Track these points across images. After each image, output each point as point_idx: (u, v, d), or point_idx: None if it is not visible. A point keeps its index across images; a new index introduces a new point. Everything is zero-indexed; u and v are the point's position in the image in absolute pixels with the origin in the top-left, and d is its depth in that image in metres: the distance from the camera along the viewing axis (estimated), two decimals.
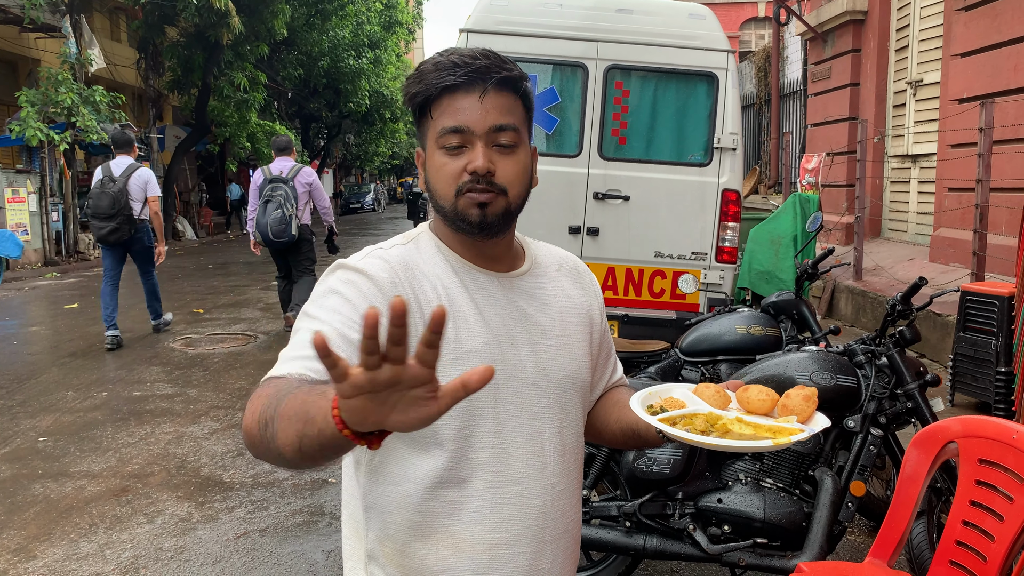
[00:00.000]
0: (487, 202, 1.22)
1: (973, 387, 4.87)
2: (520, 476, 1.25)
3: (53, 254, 14.49)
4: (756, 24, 22.62)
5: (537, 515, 1.26)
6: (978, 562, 2.16)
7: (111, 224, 7.33)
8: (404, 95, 1.28)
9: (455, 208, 1.23)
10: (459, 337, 1.21)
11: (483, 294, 1.27)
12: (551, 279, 1.38)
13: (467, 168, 1.21)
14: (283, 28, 19.18)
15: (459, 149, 1.22)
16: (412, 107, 1.27)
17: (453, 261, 1.28)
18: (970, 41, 7.28)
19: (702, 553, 2.87)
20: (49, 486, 4.44)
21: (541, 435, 1.27)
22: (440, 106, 1.22)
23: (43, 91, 13.64)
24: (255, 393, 1.11)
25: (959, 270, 6.83)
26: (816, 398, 1.20)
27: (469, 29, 5.26)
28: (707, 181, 5.28)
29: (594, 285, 1.47)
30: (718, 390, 1.26)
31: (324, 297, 1.21)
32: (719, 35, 5.25)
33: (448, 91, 1.21)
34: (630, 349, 3.93)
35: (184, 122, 22.66)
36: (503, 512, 1.24)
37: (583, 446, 1.38)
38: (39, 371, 6.94)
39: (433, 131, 1.24)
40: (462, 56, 1.22)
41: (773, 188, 13.56)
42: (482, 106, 1.21)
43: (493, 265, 1.31)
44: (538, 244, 1.43)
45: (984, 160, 5.82)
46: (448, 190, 1.23)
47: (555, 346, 1.31)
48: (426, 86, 1.22)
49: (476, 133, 1.21)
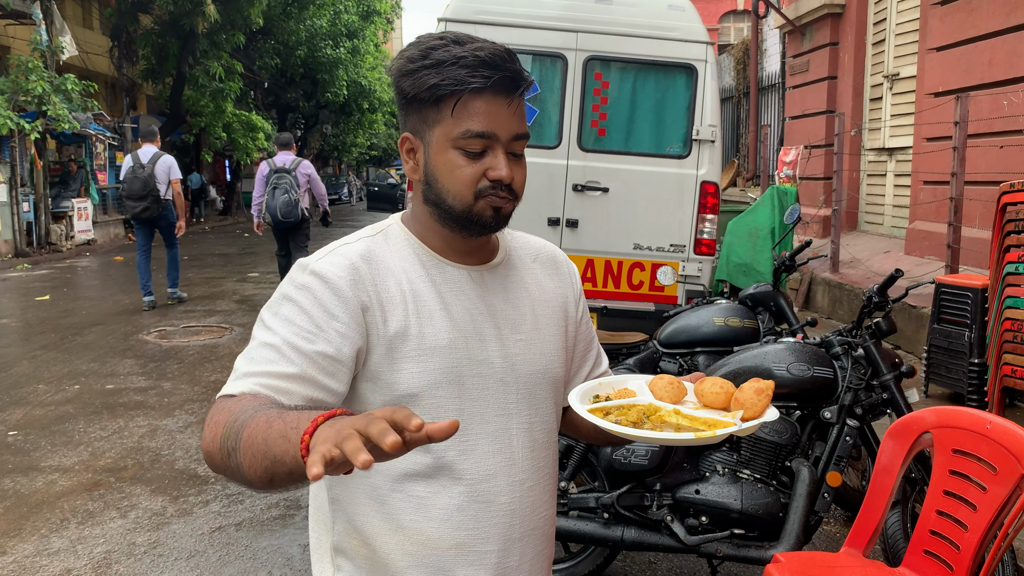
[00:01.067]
0: (502, 207, 1.22)
1: (947, 378, 4.93)
2: (487, 473, 1.23)
3: (24, 245, 14.25)
4: (735, 17, 22.70)
5: (505, 512, 1.25)
6: (951, 551, 2.18)
7: (143, 203, 8.73)
8: (407, 76, 1.20)
9: (470, 210, 1.21)
10: (422, 333, 1.20)
11: (451, 288, 1.25)
12: (526, 271, 1.36)
13: (489, 175, 1.19)
14: (259, 17, 18.96)
15: (480, 153, 1.19)
16: (422, 95, 1.19)
17: (422, 254, 1.26)
18: (946, 35, 7.34)
19: (680, 544, 2.88)
20: (19, 481, 4.37)
21: (509, 431, 1.26)
22: (465, 105, 1.17)
23: (13, 79, 13.38)
24: (212, 412, 1.10)
25: (934, 262, 6.90)
26: (771, 391, 1.18)
27: (448, 18, 5.21)
28: (686, 173, 5.28)
29: (572, 275, 1.44)
30: (671, 381, 1.24)
31: (280, 304, 1.19)
32: (698, 27, 5.25)
33: (476, 91, 1.17)
34: (609, 341, 3.93)
35: (159, 111, 22.35)
36: (470, 510, 1.22)
37: (556, 442, 1.36)
38: (10, 364, 6.82)
39: (448, 128, 1.18)
40: (490, 52, 1.17)
41: (751, 181, 13.63)
42: (511, 113, 1.19)
43: (465, 258, 1.28)
44: (515, 235, 1.40)
45: (959, 154, 5.87)
46: (466, 193, 1.20)
47: (525, 340, 1.29)
48: (452, 81, 1.16)
49: (501, 140, 1.19)
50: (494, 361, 1.25)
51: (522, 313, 1.31)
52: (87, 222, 16.34)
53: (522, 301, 1.32)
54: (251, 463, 0.99)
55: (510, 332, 1.28)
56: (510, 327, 1.28)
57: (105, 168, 18.20)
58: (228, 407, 1.08)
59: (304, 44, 24.42)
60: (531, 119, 5.30)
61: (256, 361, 1.14)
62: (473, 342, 1.23)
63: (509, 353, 1.27)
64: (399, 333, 1.19)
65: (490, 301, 1.27)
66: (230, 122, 20.07)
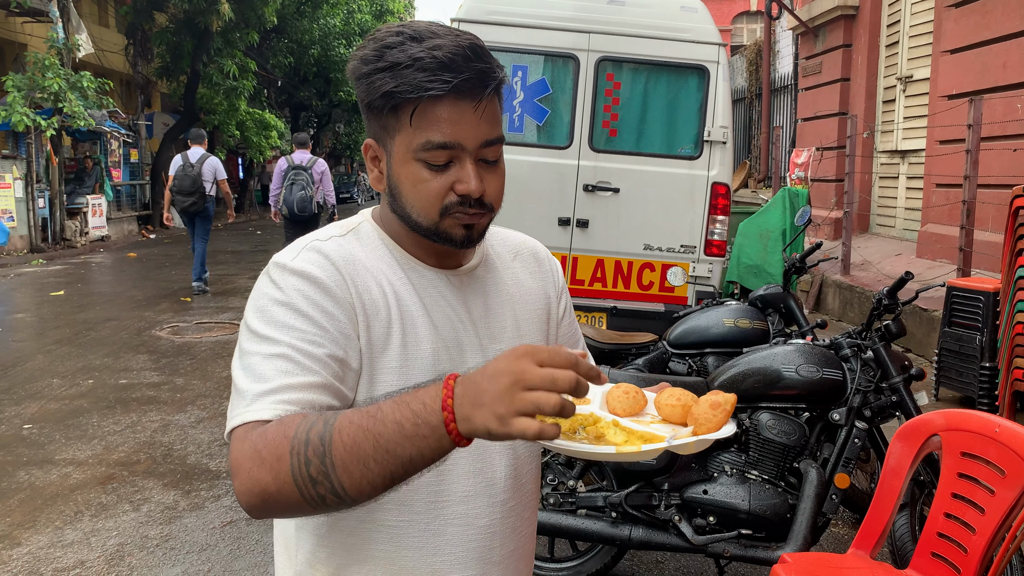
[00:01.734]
0: (475, 224, 1.11)
1: (958, 382, 4.91)
2: (465, 495, 1.14)
3: (39, 241, 14.37)
4: (748, 18, 22.63)
5: (484, 535, 1.16)
6: (959, 554, 2.19)
7: (191, 199, 9.73)
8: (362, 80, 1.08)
9: (437, 227, 1.10)
10: (405, 342, 1.10)
11: (431, 293, 1.15)
12: (506, 270, 1.26)
13: (456, 189, 1.07)
14: (273, 16, 19.06)
15: (445, 166, 1.07)
16: (378, 102, 1.07)
17: (398, 255, 1.15)
18: (960, 38, 7.31)
19: (687, 544, 2.89)
20: (34, 473, 4.42)
21: (489, 450, 1.16)
22: (424, 113, 1.04)
23: (30, 76, 13.50)
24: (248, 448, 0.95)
25: (946, 265, 6.88)
26: (730, 406, 1.06)
27: (460, 19, 5.23)
28: (697, 174, 5.29)
29: (554, 271, 1.34)
30: (627, 391, 1.13)
31: (270, 309, 1.06)
32: (711, 28, 5.25)
33: (436, 98, 1.04)
34: (618, 341, 3.94)
35: (173, 109, 22.48)
36: (446, 534, 1.13)
37: (540, 455, 1.29)
38: (25, 358, 6.89)
39: (409, 138, 1.06)
40: (448, 52, 1.03)
41: (763, 182, 13.60)
42: (477, 118, 1.06)
43: (441, 261, 1.17)
44: (493, 231, 1.27)
45: (972, 156, 5.85)
46: (431, 210, 1.09)
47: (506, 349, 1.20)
48: (408, 87, 1.03)
49: (467, 149, 1.06)
50: None
51: (503, 320, 1.21)
52: (101, 218, 16.47)
53: (503, 307, 1.22)
54: (362, 476, 0.89)
55: (490, 341, 1.18)
56: (490, 336, 1.18)
57: (119, 165, 18.33)
58: (276, 436, 0.93)
59: (317, 43, 24.53)
60: (542, 119, 5.31)
61: (267, 377, 1.00)
62: (454, 351, 1.14)
63: None
64: (381, 340, 1.09)
65: (470, 308, 1.18)
66: (243, 120, 20.18)
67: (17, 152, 14.20)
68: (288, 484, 0.91)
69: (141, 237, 17.99)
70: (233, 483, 0.96)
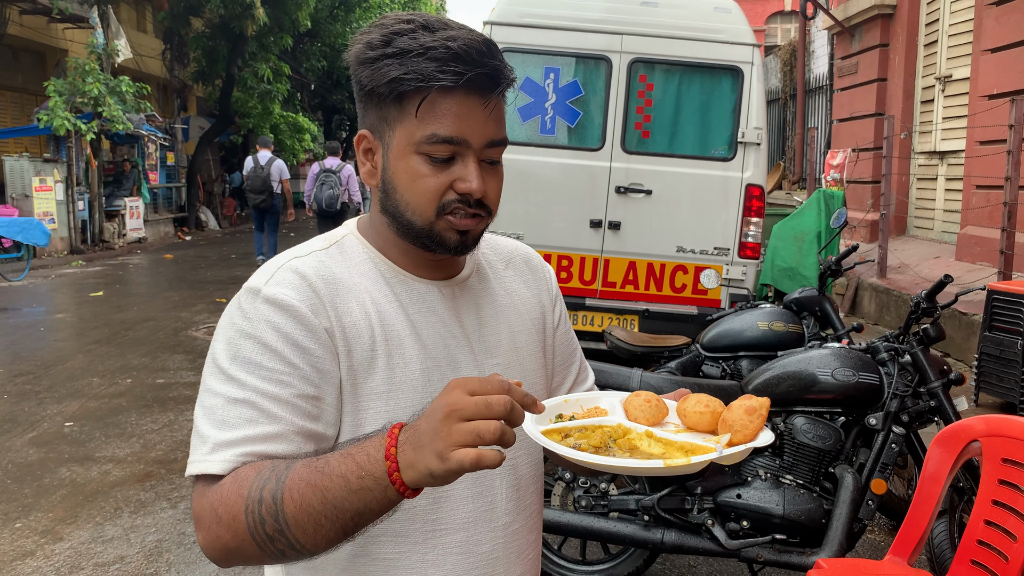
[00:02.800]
0: (470, 228, 1.05)
1: (998, 387, 4.82)
2: (464, 522, 1.08)
3: (79, 243, 14.68)
4: (782, 18, 22.40)
5: (486, 562, 1.10)
6: (1000, 562, 2.15)
7: (261, 196, 11.55)
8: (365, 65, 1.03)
9: (431, 228, 1.04)
10: (391, 364, 1.04)
11: (420, 308, 1.08)
12: (498, 280, 1.20)
13: (457, 187, 1.02)
14: (307, 20, 19.26)
15: (447, 160, 1.02)
16: (381, 89, 1.02)
17: (384, 269, 1.09)
18: (1001, 36, 7.17)
19: (720, 548, 2.87)
20: (75, 470, 4.52)
21: (489, 471, 1.07)
22: (432, 105, 1.00)
23: (70, 81, 13.80)
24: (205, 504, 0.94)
25: (986, 268, 6.75)
26: (765, 411, 1.01)
27: (493, 21, 5.26)
28: (730, 176, 5.25)
29: (548, 278, 1.28)
30: (648, 400, 1.07)
31: (237, 344, 1.00)
32: (744, 28, 5.22)
33: (447, 90, 1.00)
34: (651, 344, 3.93)
35: (208, 113, 22.84)
36: (446, 564, 1.07)
37: (543, 474, 1.22)
38: (65, 357, 7.05)
39: (412, 130, 1.01)
40: (464, 43, 0.99)
41: (797, 184, 13.45)
42: (485, 116, 1.02)
43: (432, 272, 1.11)
44: (487, 238, 1.22)
45: (1013, 157, 5.74)
46: (427, 207, 1.03)
47: (503, 364, 1.14)
48: (417, 76, 0.98)
49: (473, 147, 1.02)
50: None
51: (498, 333, 1.15)
52: (139, 220, 16.77)
53: (498, 319, 1.16)
54: (316, 532, 0.87)
55: (486, 357, 1.12)
56: (485, 351, 1.12)
57: (156, 168, 18.66)
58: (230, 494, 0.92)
59: None
60: (574, 121, 5.31)
61: (230, 424, 0.96)
62: (447, 371, 1.07)
63: None
64: (364, 365, 1.03)
65: (463, 322, 1.11)
66: (277, 123, 20.42)
67: (58, 156, 14.52)
68: (247, 541, 0.90)
69: (177, 239, 18.29)
70: (196, 535, 0.96)
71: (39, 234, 11.94)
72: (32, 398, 5.83)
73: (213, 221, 20.89)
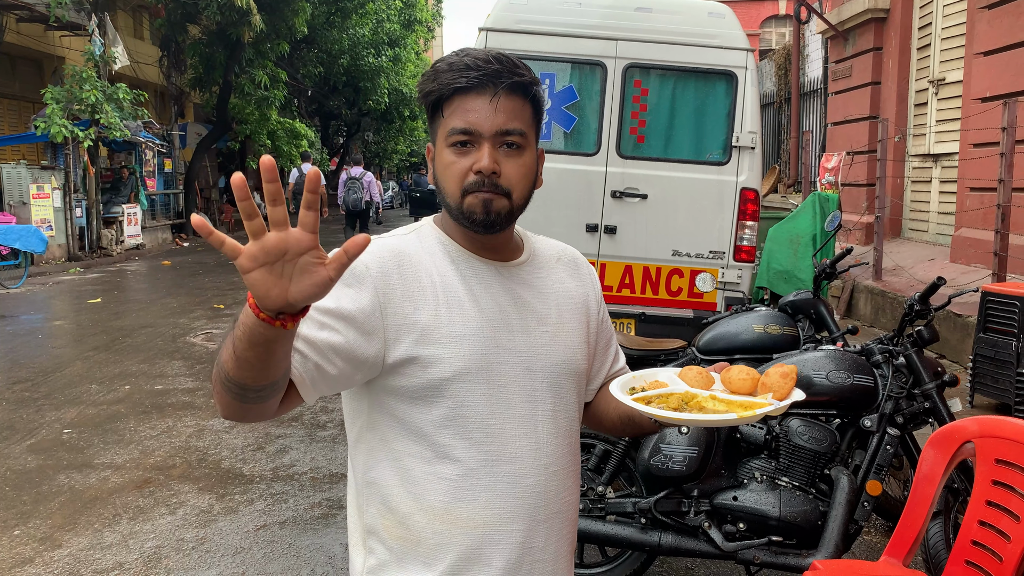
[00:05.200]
0: (491, 200, 1.26)
1: (993, 388, 4.84)
2: (513, 455, 1.28)
3: (77, 249, 14.67)
4: (776, 22, 22.48)
5: (531, 494, 1.29)
6: (994, 562, 2.17)
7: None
8: (419, 92, 1.33)
9: (460, 206, 1.27)
10: (452, 320, 1.25)
11: (479, 281, 1.31)
12: (549, 270, 1.41)
13: (473, 168, 1.25)
14: (304, 26, 19.29)
15: (466, 148, 1.26)
16: (426, 104, 1.31)
17: (452, 251, 1.32)
18: (993, 39, 7.22)
19: (717, 550, 2.89)
20: (74, 477, 4.52)
21: (535, 416, 1.30)
22: (452, 106, 1.27)
23: (68, 88, 13.82)
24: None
25: (980, 270, 6.78)
26: (795, 375, 1.23)
27: (488, 27, 5.28)
28: (725, 180, 5.27)
29: (592, 277, 1.49)
30: (700, 372, 1.29)
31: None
32: (738, 33, 5.24)
33: (460, 92, 1.26)
34: (647, 347, 3.94)
35: (205, 119, 22.84)
36: (497, 490, 1.27)
37: (578, 431, 1.41)
38: (63, 364, 7.05)
39: (443, 129, 1.28)
40: (476, 58, 1.26)
41: (792, 187, 13.49)
42: (492, 109, 1.25)
43: (492, 255, 1.34)
44: (538, 238, 1.46)
45: (1006, 160, 5.77)
46: (455, 188, 1.27)
47: (550, 332, 1.34)
48: (439, 85, 1.27)
49: (484, 135, 1.25)
50: (520, 349, 1.30)
51: (547, 307, 1.36)
52: (136, 227, 16.77)
53: (547, 296, 1.37)
54: (223, 357, 1.07)
55: (536, 323, 1.33)
56: (536, 319, 1.33)
57: (154, 175, 18.65)
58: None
59: (347, 53, 24.76)
60: (570, 126, 5.34)
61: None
62: (501, 331, 1.29)
63: (534, 343, 1.32)
64: (430, 322, 1.25)
65: (517, 293, 1.33)
66: (274, 129, 20.44)
67: (55, 163, 14.52)
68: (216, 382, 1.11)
69: (175, 245, 18.29)
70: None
71: (36, 241, 11.94)
72: (30, 405, 5.84)
73: None
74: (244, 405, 1.11)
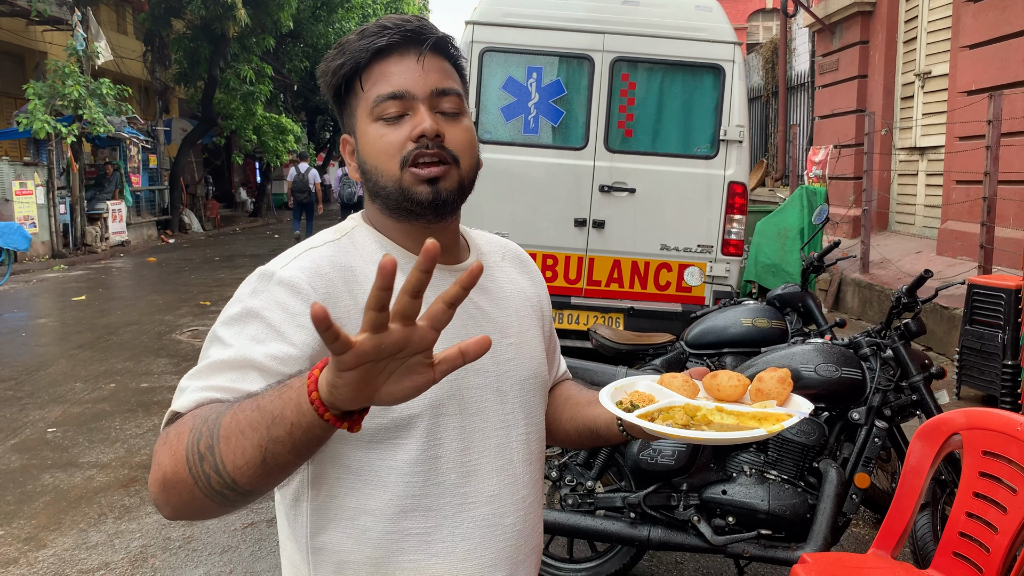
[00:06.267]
0: (439, 176, 1.07)
1: (980, 380, 4.87)
2: (491, 494, 1.12)
3: (61, 247, 14.54)
4: (764, 16, 22.52)
5: (511, 534, 1.14)
6: (981, 553, 2.17)
7: (304, 194, 16.43)
8: (323, 75, 1.13)
9: (400, 186, 1.08)
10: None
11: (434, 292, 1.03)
12: (500, 270, 1.24)
13: (412, 135, 1.07)
14: (289, 20, 19.17)
15: (399, 118, 1.08)
16: (335, 85, 1.12)
17: (397, 255, 1.11)
18: (979, 33, 7.25)
19: (706, 544, 2.89)
20: (58, 476, 4.48)
21: (510, 445, 1.15)
22: (372, 74, 1.09)
23: (50, 84, 13.68)
24: (165, 436, 0.94)
25: (967, 263, 6.81)
26: (790, 379, 1.13)
27: (475, 21, 5.26)
28: (713, 174, 5.27)
29: (539, 274, 1.34)
30: (685, 379, 1.17)
31: (242, 322, 1.02)
32: (726, 27, 5.24)
33: (380, 55, 1.09)
34: (635, 342, 3.94)
35: (190, 115, 22.69)
36: (475, 538, 1.10)
37: (545, 450, 1.27)
38: (48, 363, 6.98)
39: (365, 104, 1.09)
40: (388, 19, 1.11)
41: (780, 181, 13.53)
42: (421, 68, 1.08)
43: (441, 257, 1.09)
44: (477, 232, 1.28)
45: (992, 153, 5.80)
46: (390, 164, 1.08)
47: (515, 345, 1.18)
48: (353, 54, 1.09)
49: (418, 97, 1.08)
50: (488, 369, 1.13)
51: (508, 315, 1.20)
52: (121, 224, 16.64)
53: (506, 301, 1.21)
54: (238, 445, 0.85)
55: (499, 336, 1.16)
56: (498, 331, 1.16)
57: (138, 171, 18.51)
58: (188, 417, 0.94)
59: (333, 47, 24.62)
60: (557, 120, 5.32)
61: (213, 379, 0.98)
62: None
63: (501, 360, 1.15)
64: None
65: (476, 303, 1.15)
66: (260, 125, 20.31)
67: (38, 159, 14.37)
68: (181, 463, 0.88)
69: (160, 242, 18.16)
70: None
71: (19, 239, 11.82)
72: (14, 404, 5.78)
73: (197, 224, 20.76)
74: (222, 508, 0.91)
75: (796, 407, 1.11)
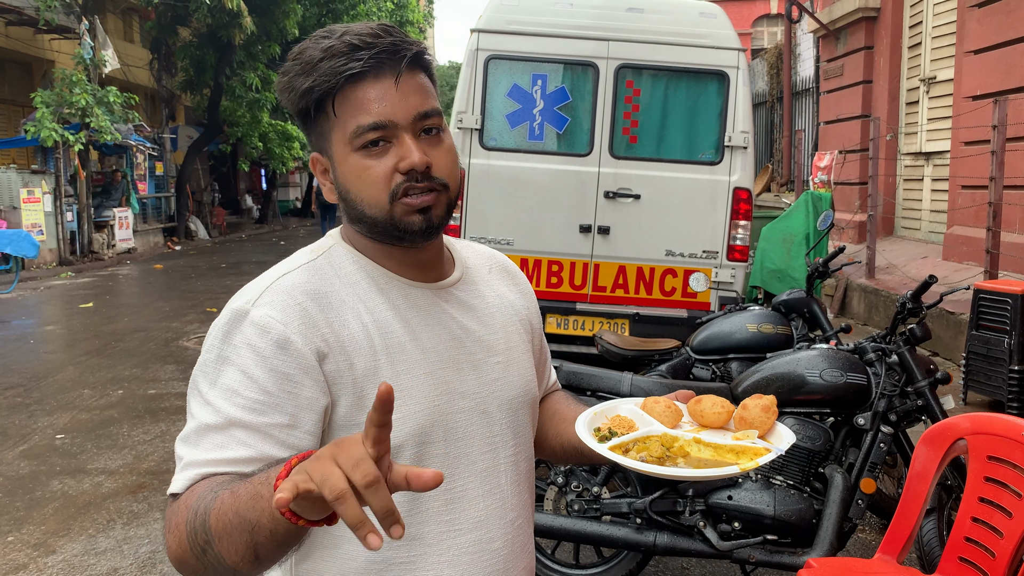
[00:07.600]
0: (431, 204, 1.04)
1: (986, 385, 4.86)
2: (478, 520, 1.09)
3: (68, 254, 14.61)
4: (768, 21, 22.53)
5: (499, 559, 1.11)
6: (987, 558, 2.17)
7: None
8: (285, 91, 1.06)
9: (391, 217, 1.04)
10: (395, 370, 1.04)
11: (417, 313, 1.08)
12: (486, 283, 1.21)
13: (399, 167, 1.02)
14: (295, 28, 19.26)
15: (379, 147, 1.03)
16: (302, 107, 1.05)
17: (377, 276, 1.09)
18: (984, 38, 7.25)
19: (712, 550, 2.89)
20: (67, 482, 4.50)
21: (497, 468, 1.12)
22: (346, 100, 1.02)
23: (58, 92, 13.76)
24: (169, 517, 0.97)
25: (972, 268, 6.80)
26: (775, 408, 1.11)
27: (480, 28, 5.28)
28: (718, 179, 5.28)
29: (527, 284, 1.31)
30: (668, 404, 1.14)
31: (218, 370, 1.00)
32: (730, 33, 5.26)
33: (353, 80, 1.02)
34: (641, 347, 3.95)
35: (196, 122, 22.79)
36: (461, 564, 1.07)
37: (534, 469, 1.24)
38: (56, 369, 7.02)
39: (342, 131, 1.03)
40: (359, 35, 1.02)
41: (785, 186, 13.52)
42: (400, 92, 1.02)
43: (424, 275, 1.12)
44: (462, 244, 1.24)
45: (997, 157, 5.79)
46: (378, 196, 1.03)
47: (502, 363, 1.15)
48: (323, 78, 1.01)
49: (401, 125, 1.03)
50: (473, 391, 1.10)
51: (495, 332, 1.16)
52: (128, 231, 16.72)
53: (493, 318, 1.17)
54: (230, 545, 0.87)
55: (485, 355, 1.13)
56: (485, 350, 1.13)
57: (145, 178, 18.60)
58: (182, 505, 0.94)
59: None
60: (562, 127, 5.34)
61: (201, 448, 0.97)
62: (450, 372, 1.08)
63: (487, 379, 1.12)
64: (369, 375, 1.03)
65: (461, 322, 1.12)
66: (266, 132, 20.40)
67: (46, 167, 14.46)
68: (188, 552, 0.91)
69: (167, 249, 18.24)
70: None
71: (27, 246, 11.89)
72: (23, 411, 5.81)
73: (203, 231, 20.84)
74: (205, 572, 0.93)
75: (779, 438, 1.09)
